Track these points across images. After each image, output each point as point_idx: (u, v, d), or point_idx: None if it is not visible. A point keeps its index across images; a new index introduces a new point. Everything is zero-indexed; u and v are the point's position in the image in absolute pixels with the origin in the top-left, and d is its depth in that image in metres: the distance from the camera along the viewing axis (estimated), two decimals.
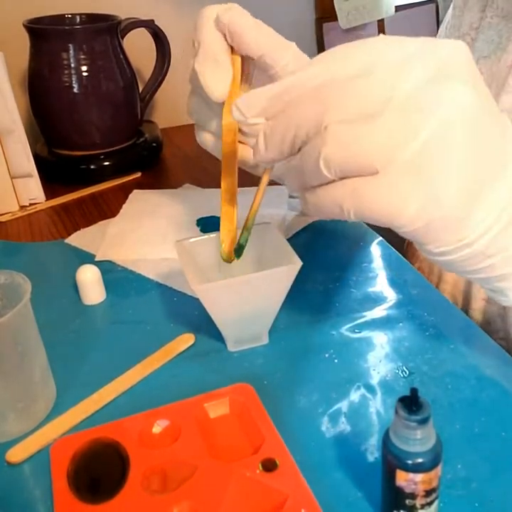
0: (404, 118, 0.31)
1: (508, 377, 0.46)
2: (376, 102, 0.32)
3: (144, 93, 0.92)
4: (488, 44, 0.61)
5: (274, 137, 0.35)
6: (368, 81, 0.32)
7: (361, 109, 0.32)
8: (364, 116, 0.32)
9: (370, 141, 0.31)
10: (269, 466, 0.37)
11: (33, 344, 0.43)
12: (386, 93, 0.32)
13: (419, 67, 0.32)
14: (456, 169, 0.32)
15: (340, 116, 0.32)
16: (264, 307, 0.49)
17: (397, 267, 0.60)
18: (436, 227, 0.33)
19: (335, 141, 0.32)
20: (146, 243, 0.65)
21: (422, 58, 0.32)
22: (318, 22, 1.15)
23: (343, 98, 0.32)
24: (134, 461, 0.38)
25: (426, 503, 0.33)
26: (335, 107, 0.32)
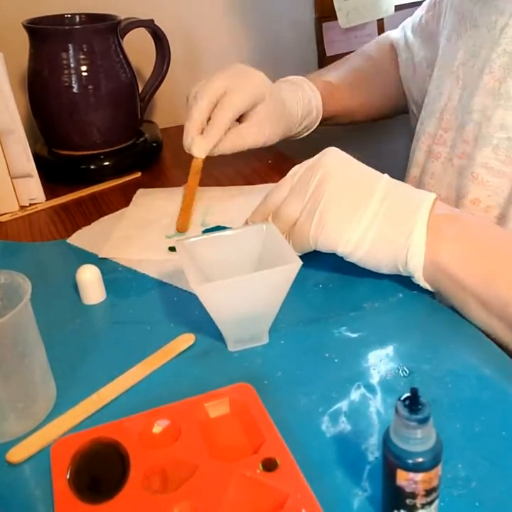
0: (300, 186, 0.55)
1: (508, 377, 0.46)
2: (286, 191, 0.57)
3: (144, 93, 0.92)
4: (465, 53, 0.68)
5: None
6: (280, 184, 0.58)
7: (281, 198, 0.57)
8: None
9: (289, 207, 0.55)
10: (270, 466, 0.37)
11: (33, 344, 0.43)
12: (289, 185, 0.57)
13: (303, 166, 0.56)
14: (328, 211, 0.52)
15: (273, 203, 0.58)
16: (264, 307, 0.49)
17: None
18: (326, 244, 0.53)
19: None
20: (151, 246, 0.66)
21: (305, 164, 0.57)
22: (317, 21, 1.15)
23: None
24: (134, 461, 0.38)
25: (426, 503, 0.33)
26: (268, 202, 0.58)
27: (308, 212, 0.53)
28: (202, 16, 1.07)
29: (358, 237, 0.52)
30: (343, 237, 0.52)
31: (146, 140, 0.92)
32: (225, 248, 0.52)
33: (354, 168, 0.55)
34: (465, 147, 0.66)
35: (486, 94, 0.64)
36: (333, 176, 0.53)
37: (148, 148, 0.91)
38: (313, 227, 0.53)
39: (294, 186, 0.55)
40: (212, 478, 0.37)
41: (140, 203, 0.76)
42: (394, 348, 0.50)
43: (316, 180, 0.54)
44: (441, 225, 0.51)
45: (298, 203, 0.54)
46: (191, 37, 1.07)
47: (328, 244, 0.53)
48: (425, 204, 0.52)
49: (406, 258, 0.51)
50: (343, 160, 0.55)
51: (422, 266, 0.51)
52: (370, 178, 0.54)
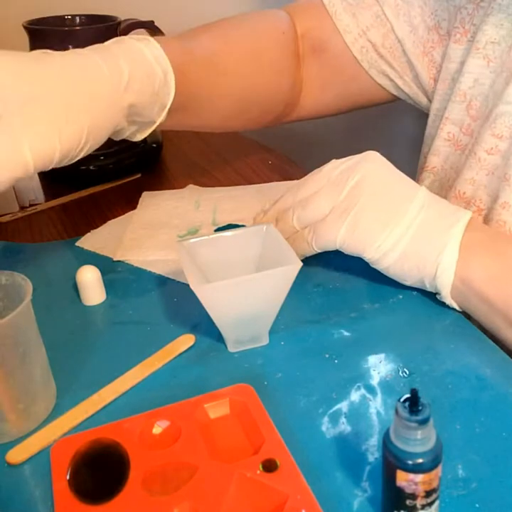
0: (337, 184, 0.53)
1: (508, 377, 0.46)
2: (320, 185, 0.54)
3: None
4: (497, 29, 0.59)
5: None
6: (315, 175, 0.55)
7: (313, 190, 0.54)
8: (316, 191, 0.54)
9: (320, 201, 0.53)
10: (270, 467, 0.37)
11: (33, 345, 0.43)
12: (324, 180, 0.54)
13: (341, 166, 0.54)
14: (363, 213, 0.51)
15: (303, 195, 0.55)
16: (264, 308, 0.49)
17: None
18: (356, 246, 0.52)
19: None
20: (165, 246, 0.66)
21: (345, 162, 0.54)
22: None
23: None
24: (134, 462, 0.38)
25: (426, 504, 0.33)
26: (300, 191, 0.56)
27: (341, 211, 0.51)
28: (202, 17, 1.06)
29: (390, 245, 0.51)
30: (374, 242, 0.51)
31: (146, 141, 0.91)
32: (225, 249, 0.52)
33: (393, 175, 0.54)
34: (497, 143, 0.59)
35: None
36: (372, 180, 0.52)
37: (149, 150, 0.91)
38: (345, 226, 0.51)
39: (330, 183, 0.53)
40: (212, 479, 0.37)
41: (147, 205, 0.76)
42: (394, 349, 0.50)
43: (354, 181, 0.52)
44: (475, 244, 0.50)
45: (331, 199, 0.52)
46: None
47: (357, 247, 0.52)
48: (461, 220, 0.50)
49: (435, 274, 0.50)
50: (383, 166, 0.54)
51: (451, 283, 0.50)
52: (409, 186, 0.53)
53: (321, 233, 0.53)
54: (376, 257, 0.52)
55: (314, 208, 0.53)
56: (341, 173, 0.53)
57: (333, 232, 0.52)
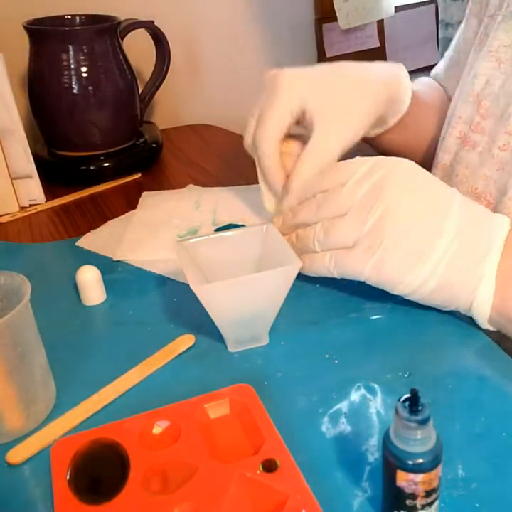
0: (360, 211, 0.49)
1: (508, 378, 0.46)
2: (344, 208, 0.51)
3: (144, 94, 0.92)
4: (508, 33, 0.61)
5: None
6: (339, 195, 0.51)
7: (336, 213, 0.51)
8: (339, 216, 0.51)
9: (344, 230, 0.50)
10: (270, 467, 0.37)
11: (32, 345, 0.43)
12: (349, 203, 0.51)
13: (365, 184, 0.50)
14: (392, 249, 0.48)
15: (326, 215, 0.52)
16: (264, 308, 0.49)
17: None
18: (384, 283, 0.50)
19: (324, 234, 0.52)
20: (164, 246, 0.66)
21: (368, 178, 0.50)
22: (317, 23, 1.15)
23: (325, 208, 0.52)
24: (134, 462, 0.38)
25: (426, 504, 0.33)
26: (323, 210, 0.53)
27: (367, 246, 0.49)
28: (202, 17, 1.07)
29: (419, 283, 0.48)
30: (402, 281, 0.49)
31: (146, 141, 0.92)
32: (225, 249, 0.52)
33: (422, 199, 0.49)
34: (509, 139, 0.59)
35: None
36: (399, 210, 0.48)
37: (148, 149, 0.91)
38: (371, 263, 0.48)
39: (354, 209, 0.50)
40: (212, 479, 0.37)
41: (147, 205, 0.76)
42: (394, 349, 0.50)
43: (379, 211, 0.48)
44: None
45: (355, 229, 0.49)
46: (191, 38, 1.07)
47: (385, 285, 0.50)
48: (497, 240, 0.48)
49: (470, 308, 0.49)
50: (412, 185, 0.50)
51: (487, 316, 0.48)
52: (439, 209, 0.49)
53: (344, 264, 0.50)
54: (405, 293, 0.50)
55: (337, 235, 0.51)
56: (366, 196, 0.50)
57: (359, 266, 0.49)
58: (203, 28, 1.07)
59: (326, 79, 0.62)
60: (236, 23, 1.09)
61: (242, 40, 1.11)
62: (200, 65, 1.09)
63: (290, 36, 1.14)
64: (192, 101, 1.10)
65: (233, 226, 0.69)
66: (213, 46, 1.09)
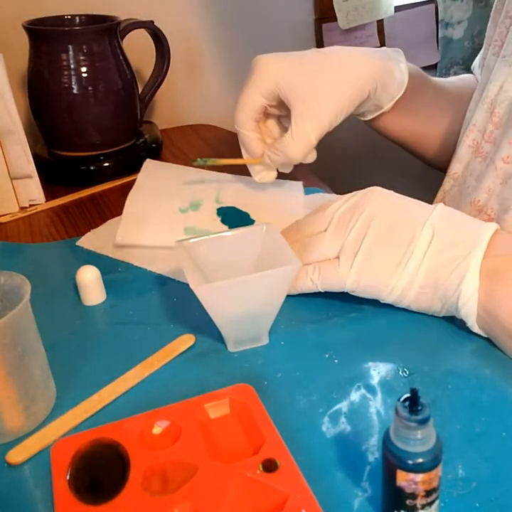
0: (340, 226, 0.51)
1: (508, 377, 0.46)
2: (323, 226, 0.53)
3: (144, 94, 0.92)
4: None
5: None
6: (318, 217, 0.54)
7: (316, 230, 0.53)
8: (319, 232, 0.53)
9: (325, 244, 0.51)
10: (270, 467, 0.37)
11: (32, 345, 0.43)
12: (328, 221, 0.53)
13: (344, 205, 0.52)
14: (370, 256, 0.49)
15: (307, 234, 0.54)
16: (264, 308, 0.49)
17: None
18: (369, 291, 0.50)
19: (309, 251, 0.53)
20: (165, 229, 0.65)
21: (345, 201, 0.53)
22: (317, 23, 1.15)
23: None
24: (134, 462, 0.38)
25: (426, 503, 0.33)
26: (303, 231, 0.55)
27: (348, 254, 0.50)
28: (201, 16, 1.07)
29: (403, 286, 0.49)
30: (388, 285, 0.49)
31: (146, 141, 0.92)
32: (224, 249, 0.52)
33: (399, 207, 0.51)
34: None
35: None
36: (376, 217, 0.50)
37: (148, 149, 0.91)
38: (353, 270, 0.49)
39: (334, 224, 0.52)
40: (212, 479, 0.37)
41: (149, 173, 0.74)
42: (394, 349, 0.50)
43: (358, 222, 0.50)
44: (499, 267, 0.46)
45: (336, 242, 0.51)
46: (191, 38, 1.07)
47: (371, 291, 0.50)
48: (482, 242, 0.47)
49: (457, 306, 0.48)
50: (387, 199, 0.52)
51: (475, 314, 0.47)
52: (417, 216, 0.50)
53: (328, 276, 0.51)
54: (393, 298, 0.50)
55: (319, 249, 0.52)
56: (345, 213, 0.52)
57: (342, 277, 0.50)
58: (203, 28, 1.07)
59: (303, 64, 0.66)
60: (236, 23, 1.09)
61: (241, 40, 1.10)
62: (200, 65, 1.09)
63: (290, 36, 1.14)
64: (192, 101, 1.10)
65: (237, 210, 0.68)
66: (213, 46, 1.09)
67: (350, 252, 0.50)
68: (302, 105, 0.63)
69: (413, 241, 0.49)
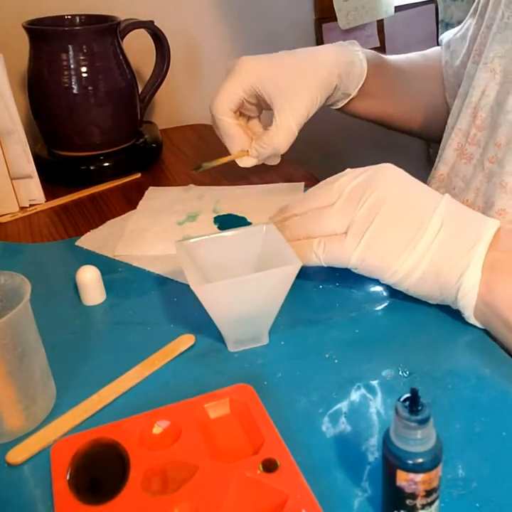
0: (350, 201, 0.51)
1: (508, 377, 0.46)
2: (333, 199, 0.53)
3: (144, 94, 0.92)
4: (503, 44, 0.61)
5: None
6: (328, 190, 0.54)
7: (325, 203, 0.53)
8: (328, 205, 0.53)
9: (333, 217, 0.52)
10: (270, 467, 0.37)
11: (32, 345, 0.43)
12: (337, 195, 0.53)
13: (354, 181, 0.52)
14: (379, 235, 0.50)
15: (316, 206, 0.54)
16: (264, 307, 0.49)
17: None
18: (371, 270, 0.51)
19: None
20: (163, 239, 0.66)
21: (357, 177, 0.53)
22: (317, 23, 1.15)
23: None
24: (134, 462, 0.38)
25: (426, 503, 0.33)
26: (312, 202, 0.55)
27: (356, 231, 0.50)
28: (201, 17, 1.07)
29: (407, 270, 0.49)
30: (390, 268, 0.50)
31: (146, 141, 0.92)
32: (225, 249, 0.52)
33: (411, 190, 0.52)
34: (496, 151, 0.60)
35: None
36: (388, 198, 0.50)
37: (148, 149, 0.91)
38: (360, 248, 0.50)
39: (344, 199, 0.52)
40: (212, 479, 0.37)
41: (151, 197, 0.78)
42: (394, 349, 0.50)
43: (369, 200, 0.50)
44: (500, 262, 0.47)
45: (345, 217, 0.51)
46: (191, 38, 1.07)
47: (372, 272, 0.51)
48: (486, 236, 0.48)
49: (456, 296, 0.48)
50: (399, 179, 0.52)
51: (473, 306, 0.48)
52: (428, 202, 0.50)
53: (333, 250, 0.51)
54: (393, 281, 0.51)
55: (326, 222, 0.52)
56: (356, 188, 0.52)
57: (347, 253, 0.51)
58: (203, 28, 1.07)
59: (280, 62, 0.72)
60: (236, 23, 1.09)
61: (242, 40, 1.10)
62: (200, 65, 1.09)
63: (290, 36, 1.14)
64: (192, 101, 1.10)
65: (234, 216, 0.69)
66: (213, 46, 1.09)
67: (360, 229, 0.50)
68: (283, 98, 0.68)
69: (422, 227, 0.49)
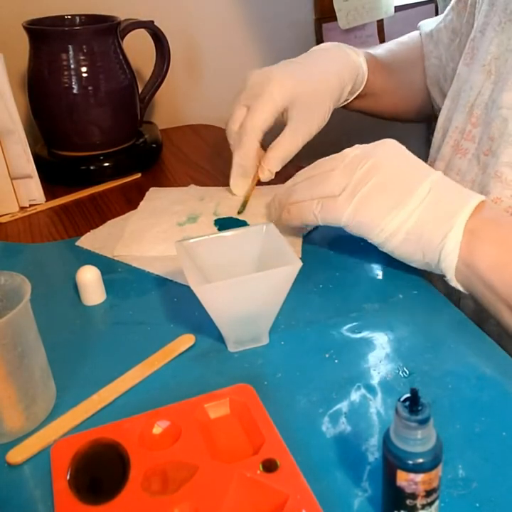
0: (350, 166, 0.55)
1: (508, 377, 0.46)
2: (334, 166, 0.57)
3: (144, 94, 0.92)
4: (499, 46, 0.64)
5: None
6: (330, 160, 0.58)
7: (326, 169, 0.57)
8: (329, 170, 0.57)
9: (332, 180, 0.55)
10: (270, 467, 0.37)
11: (32, 345, 0.43)
12: (339, 162, 0.57)
13: (356, 150, 0.57)
14: (370, 195, 0.53)
15: (318, 172, 0.58)
16: (264, 307, 0.49)
17: (397, 267, 0.60)
18: (360, 228, 0.54)
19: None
20: (163, 240, 0.66)
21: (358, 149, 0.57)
22: (317, 22, 1.15)
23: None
24: (134, 462, 0.38)
25: (426, 503, 0.33)
26: (314, 169, 0.60)
27: (350, 192, 0.54)
28: (202, 17, 1.07)
29: (393, 229, 0.52)
30: (377, 226, 0.53)
31: (146, 141, 0.92)
32: (225, 249, 0.52)
33: (407, 161, 0.56)
34: (490, 144, 0.63)
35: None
36: (384, 165, 0.54)
37: (148, 149, 0.91)
38: (351, 206, 0.54)
39: (345, 163, 0.56)
40: (212, 479, 0.37)
41: (152, 198, 0.77)
42: (394, 349, 0.50)
43: (367, 165, 0.54)
44: (481, 228, 0.50)
45: (343, 179, 0.55)
46: (191, 38, 1.07)
47: (361, 229, 0.54)
48: (469, 205, 0.51)
49: (439, 257, 0.51)
50: (398, 152, 0.56)
51: (455, 267, 0.51)
52: (421, 172, 0.54)
53: (328, 209, 0.55)
54: (380, 240, 0.54)
55: (326, 184, 0.56)
56: (356, 156, 0.56)
57: (340, 211, 0.54)
58: (203, 28, 1.07)
59: (300, 79, 0.72)
60: (236, 23, 1.09)
61: (242, 40, 1.11)
62: (200, 65, 1.09)
63: (290, 36, 1.14)
64: (192, 101, 1.10)
65: (234, 220, 0.69)
66: (213, 46, 1.09)
67: (353, 190, 0.54)
68: (299, 116, 0.70)
69: (411, 192, 0.52)
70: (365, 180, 0.54)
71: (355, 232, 0.55)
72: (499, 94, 0.63)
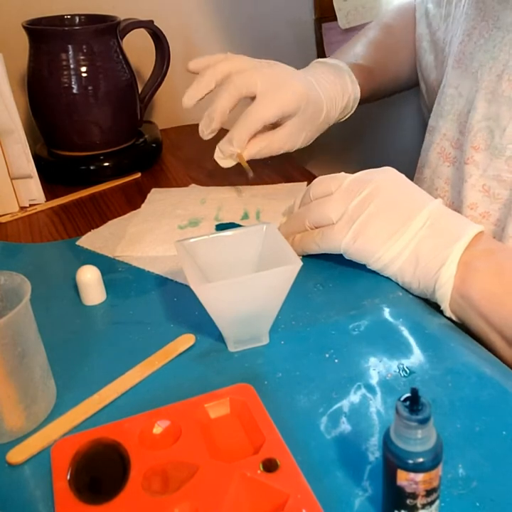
0: (348, 191, 0.56)
1: (509, 376, 0.46)
2: (331, 190, 0.57)
3: (144, 94, 0.92)
4: (486, 54, 0.64)
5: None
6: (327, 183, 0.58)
7: (324, 194, 0.58)
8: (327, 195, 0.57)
9: (330, 206, 0.56)
10: (270, 467, 0.37)
11: (32, 345, 0.43)
12: (336, 186, 0.57)
13: (353, 175, 0.57)
14: (369, 223, 0.54)
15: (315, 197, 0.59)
16: (265, 307, 0.49)
17: None
18: (359, 255, 0.55)
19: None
20: (163, 241, 0.66)
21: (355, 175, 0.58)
22: (317, 22, 1.15)
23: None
24: (134, 462, 0.38)
25: (427, 503, 0.33)
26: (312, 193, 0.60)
27: (348, 218, 0.55)
28: (201, 17, 1.07)
29: (390, 258, 0.54)
30: (375, 254, 0.54)
31: (146, 141, 0.92)
32: (225, 248, 0.52)
33: (406, 190, 0.56)
34: (472, 153, 0.64)
35: (503, 102, 0.61)
36: (383, 192, 0.55)
37: (148, 149, 0.91)
38: (349, 234, 0.54)
39: (343, 189, 0.56)
40: (212, 479, 0.37)
41: (154, 200, 0.77)
42: (394, 348, 0.50)
43: (365, 192, 0.55)
44: (476, 259, 0.51)
45: (342, 206, 0.55)
46: (191, 37, 1.07)
47: (359, 256, 0.55)
48: (466, 236, 0.51)
49: (434, 287, 0.52)
50: (397, 179, 0.57)
51: (449, 298, 0.51)
52: (419, 201, 0.55)
53: (328, 237, 0.56)
54: (378, 267, 0.55)
55: (324, 211, 0.56)
56: (353, 181, 0.56)
57: (339, 238, 0.55)
58: (203, 28, 1.07)
59: (269, 69, 0.72)
60: (236, 22, 1.09)
61: (242, 39, 1.10)
62: None
63: (290, 36, 1.14)
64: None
65: (236, 225, 0.69)
66: (213, 46, 1.09)
67: (351, 217, 0.55)
68: (266, 97, 0.69)
69: (409, 220, 0.53)
70: (363, 207, 0.54)
71: (354, 259, 0.56)
72: (479, 103, 0.63)
